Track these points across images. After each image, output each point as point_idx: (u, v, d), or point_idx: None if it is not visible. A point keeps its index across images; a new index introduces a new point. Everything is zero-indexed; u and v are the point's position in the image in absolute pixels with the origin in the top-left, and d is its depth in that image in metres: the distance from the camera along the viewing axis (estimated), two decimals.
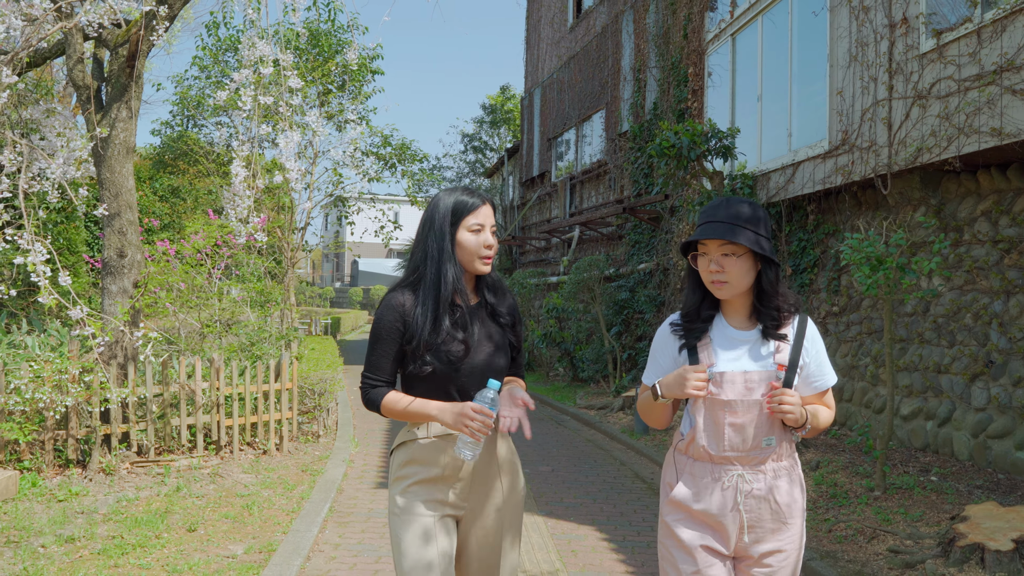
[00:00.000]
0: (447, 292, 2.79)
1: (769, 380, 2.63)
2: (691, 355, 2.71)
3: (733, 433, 2.65)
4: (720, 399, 2.64)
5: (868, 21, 8.76)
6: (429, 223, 2.87)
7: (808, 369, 2.73)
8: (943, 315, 8.10)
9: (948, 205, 8.24)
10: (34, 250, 5.05)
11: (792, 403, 2.55)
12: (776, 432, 2.68)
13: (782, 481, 2.70)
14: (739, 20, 11.85)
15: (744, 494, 2.66)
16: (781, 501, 2.68)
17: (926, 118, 7.79)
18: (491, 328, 2.90)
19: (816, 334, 2.76)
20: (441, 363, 2.77)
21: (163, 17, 6.96)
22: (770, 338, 2.68)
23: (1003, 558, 4.90)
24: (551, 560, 5.54)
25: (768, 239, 2.65)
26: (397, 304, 2.83)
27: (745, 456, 2.67)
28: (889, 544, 5.64)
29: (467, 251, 2.85)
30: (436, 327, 2.77)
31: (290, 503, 6.59)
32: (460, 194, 2.90)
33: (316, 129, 8.85)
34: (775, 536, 2.68)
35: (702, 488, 2.69)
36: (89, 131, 7.00)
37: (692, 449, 2.73)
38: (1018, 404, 7.08)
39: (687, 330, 2.73)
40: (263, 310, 11.02)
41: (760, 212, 2.67)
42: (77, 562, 5.01)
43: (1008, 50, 6.79)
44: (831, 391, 2.81)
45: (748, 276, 2.65)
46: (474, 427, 2.64)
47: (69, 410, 6.81)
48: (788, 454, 2.73)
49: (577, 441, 10.27)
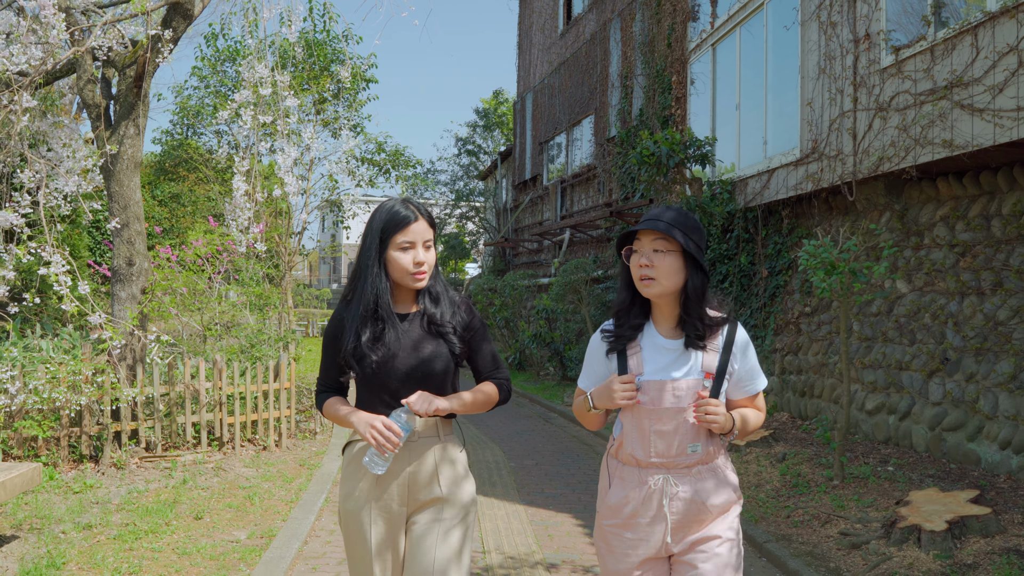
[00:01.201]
0: (367, 308, 2.88)
1: (696, 389, 2.70)
2: (620, 360, 2.80)
3: (658, 440, 2.72)
4: (646, 408, 2.71)
5: (835, 36, 9.25)
6: (364, 238, 2.95)
7: (738, 375, 2.81)
8: (905, 315, 8.59)
9: (910, 211, 8.72)
10: (54, 261, 5.55)
11: (717, 413, 2.63)
12: (702, 439, 2.73)
13: (709, 482, 2.75)
14: (719, 31, 12.32)
15: (669, 497, 2.72)
16: (708, 502, 2.74)
17: (886, 129, 8.27)
18: (424, 337, 2.95)
19: (746, 339, 2.83)
20: (364, 371, 2.88)
21: (168, 40, 7.45)
22: (695, 347, 2.74)
23: (937, 537, 5.39)
24: (528, 543, 6.03)
25: (700, 248, 2.71)
26: (338, 316, 2.99)
27: (671, 462, 2.73)
28: (840, 527, 6.13)
29: (398, 268, 2.90)
30: (356, 339, 2.87)
31: (289, 494, 7.08)
32: (393, 209, 2.92)
33: (310, 144, 9.28)
34: (703, 527, 2.75)
35: (630, 492, 2.76)
36: (99, 148, 7.47)
37: (621, 454, 2.82)
38: (970, 399, 7.57)
39: (616, 336, 2.81)
40: (262, 313, 11.50)
41: (696, 223, 2.75)
42: (95, 546, 5.50)
43: (957, 67, 7.28)
44: (762, 394, 2.91)
45: (676, 276, 2.70)
46: (378, 440, 2.74)
47: (83, 409, 7.30)
48: (715, 455, 2.79)
49: (562, 437, 10.76)
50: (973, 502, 5.82)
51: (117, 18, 7.33)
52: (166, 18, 7.71)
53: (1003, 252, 7.47)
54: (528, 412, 13.10)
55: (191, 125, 18.02)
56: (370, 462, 2.78)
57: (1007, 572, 4.93)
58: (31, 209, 5.93)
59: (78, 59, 7.54)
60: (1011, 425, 7.07)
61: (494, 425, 11.56)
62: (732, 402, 2.86)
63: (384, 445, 2.74)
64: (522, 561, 5.64)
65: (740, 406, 2.87)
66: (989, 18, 6.86)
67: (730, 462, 2.86)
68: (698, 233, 2.73)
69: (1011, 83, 6.65)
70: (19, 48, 5.72)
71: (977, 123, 7.00)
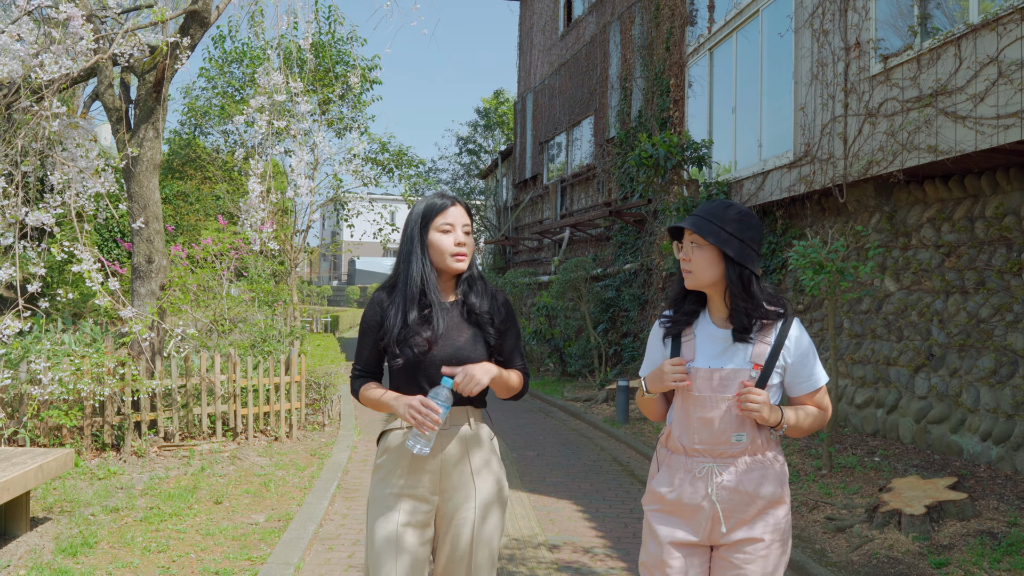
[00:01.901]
0: (413, 290, 2.95)
1: (742, 379, 2.72)
2: (674, 345, 2.86)
3: (702, 427, 2.75)
4: (692, 394, 2.76)
5: (827, 43, 9.58)
6: (405, 228, 3.05)
7: (793, 369, 2.81)
8: (893, 313, 8.92)
9: (899, 212, 9.06)
10: (86, 259, 5.88)
11: (758, 402, 2.64)
12: (747, 429, 2.74)
13: (756, 474, 2.74)
14: (716, 35, 12.64)
15: (716, 485, 2.73)
16: (754, 493, 2.74)
17: (875, 134, 8.60)
18: (462, 325, 3.02)
19: (801, 335, 2.82)
20: (407, 356, 2.92)
21: (185, 47, 7.77)
22: (742, 340, 2.76)
23: (916, 521, 5.74)
24: (531, 527, 6.37)
25: (740, 240, 2.73)
26: (377, 301, 3.04)
27: (715, 450, 2.75)
28: (827, 513, 6.47)
29: (438, 250, 2.98)
30: (404, 323, 2.93)
31: (302, 481, 7.41)
32: (432, 197, 3.06)
33: (317, 142, 9.62)
34: (749, 525, 2.75)
35: (676, 479, 2.79)
36: (120, 151, 7.80)
37: (670, 442, 2.85)
38: (953, 392, 7.90)
39: (672, 321, 2.88)
40: (271, 309, 11.83)
41: (737, 214, 2.77)
42: (124, 527, 5.83)
43: (941, 76, 7.61)
44: (826, 390, 2.88)
45: (711, 269, 2.75)
46: (418, 418, 2.77)
47: (106, 399, 7.64)
48: (765, 449, 2.78)
49: (563, 430, 11.10)
50: (951, 488, 6.17)
51: (138, 26, 7.65)
52: (183, 25, 8.04)
53: (985, 253, 7.80)
54: (529, 407, 13.44)
55: (198, 125, 18.38)
56: (413, 443, 2.81)
57: (980, 552, 5.27)
58: (60, 209, 6.26)
59: (100, 65, 7.85)
60: (991, 417, 7.40)
61: (496, 419, 11.91)
62: (792, 399, 2.88)
63: (424, 423, 2.77)
64: (526, 543, 5.98)
65: (800, 403, 2.86)
66: (971, 30, 7.19)
67: (782, 457, 2.84)
68: (739, 225, 2.74)
69: (991, 92, 6.98)
70: (51, 57, 6.04)
71: (960, 130, 7.33)
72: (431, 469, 2.94)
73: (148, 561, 5.21)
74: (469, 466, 2.98)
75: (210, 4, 7.99)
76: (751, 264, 2.73)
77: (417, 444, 2.80)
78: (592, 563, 5.56)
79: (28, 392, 7.10)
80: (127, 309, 6.24)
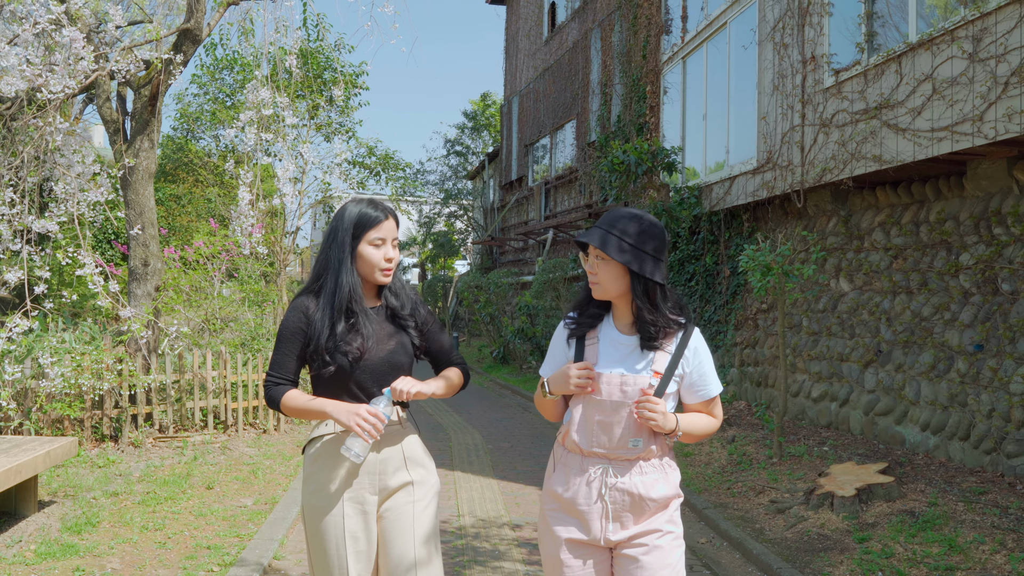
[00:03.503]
0: (342, 301, 2.96)
1: (642, 386, 2.76)
2: (578, 347, 2.89)
3: (600, 431, 2.79)
4: (593, 398, 2.79)
5: (787, 56, 10.14)
6: (333, 234, 3.01)
7: (690, 379, 2.87)
8: (846, 311, 9.49)
9: (853, 216, 9.62)
10: (88, 264, 6.41)
11: (655, 411, 2.69)
12: (644, 435, 2.79)
13: (649, 477, 2.82)
14: (689, 45, 13.19)
15: (609, 486, 2.80)
16: (646, 495, 2.80)
17: (828, 144, 9.16)
18: (388, 329, 3.08)
19: (701, 345, 2.89)
20: (338, 364, 2.95)
21: (179, 63, 8.30)
22: (647, 348, 2.81)
23: (846, 502, 6.30)
24: (498, 509, 6.93)
25: (644, 253, 2.75)
26: (302, 308, 3.02)
27: (612, 453, 2.81)
28: (771, 497, 7.03)
29: (367, 264, 3.00)
30: (332, 332, 2.95)
31: (288, 469, 7.95)
32: (365, 206, 3.02)
33: (303, 152, 10.15)
34: (641, 521, 2.83)
35: (571, 479, 2.85)
36: (117, 161, 8.33)
37: (567, 441, 2.90)
38: (897, 386, 8.46)
39: (576, 323, 2.91)
40: (260, 309, 12.36)
41: (644, 226, 2.79)
42: (123, 509, 6.37)
43: (885, 91, 8.17)
44: (719, 400, 2.97)
45: (617, 283, 2.78)
46: (366, 427, 2.82)
47: (105, 393, 8.17)
48: (660, 455, 2.86)
49: (538, 424, 11.65)
50: (881, 473, 6.73)
51: (134, 43, 8.17)
52: (176, 42, 8.55)
53: (928, 255, 8.36)
54: (509, 402, 14.00)
55: (190, 129, 18.90)
56: (349, 450, 2.85)
57: (899, 528, 5.83)
58: (63, 217, 6.80)
59: (98, 80, 8.37)
60: (930, 409, 7.97)
61: (476, 413, 12.45)
62: (687, 406, 2.94)
63: (371, 432, 2.81)
64: (491, 523, 6.53)
65: (695, 411, 2.93)
66: (910, 48, 7.75)
67: (674, 463, 2.92)
68: (643, 237, 2.76)
69: (927, 107, 7.54)
70: (56, 79, 6.57)
71: (900, 141, 7.90)
72: (370, 469, 2.99)
73: (146, 538, 5.75)
74: (406, 464, 3.05)
75: (202, 22, 8.51)
76: (656, 275, 2.77)
77: (355, 450, 2.84)
78: None
79: (32, 386, 7.64)
80: (127, 309, 6.78)
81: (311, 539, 2.99)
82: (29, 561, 5.21)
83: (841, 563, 5.42)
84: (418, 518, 3.01)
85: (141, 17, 9.07)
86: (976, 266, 7.60)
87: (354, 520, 2.95)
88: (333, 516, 2.94)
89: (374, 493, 3.00)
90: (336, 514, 2.94)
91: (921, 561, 5.28)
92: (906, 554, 5.41)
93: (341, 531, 2.93)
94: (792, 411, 10.08)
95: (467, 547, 5.91)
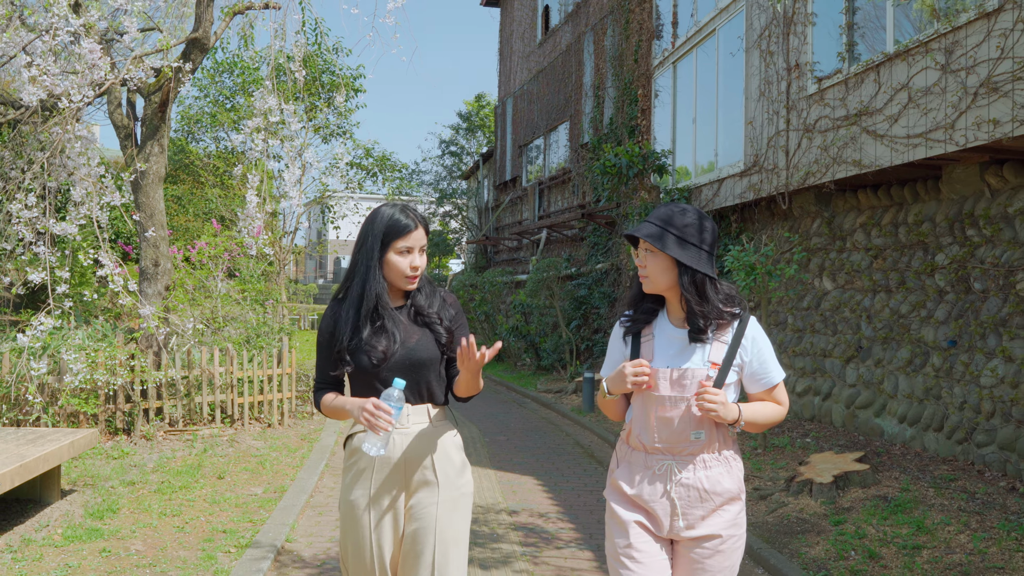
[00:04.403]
0: (368, 307, 3.01)
1: (700, 378, 2.77)
2: (634, 344, 2.92)
3: (662, 426, 2.80)
4: (652, 394, 2.80)
5: (772, 64, 10.51)
6: (363, 239, 3.06)
7: (751, 368, 2.87)
8: (829, 309, 9.87)
9: (836, 218, 10.00)
10: (108, 265, 6.77)
11: (715, 401, 2.68)
12: (706, 427, 2.79)
13: (714, 471, 2.81)
14: (679, 50, 13.56)
15: (675, 482, 2.80)
16: (711, 489, 2.80)
17: (811, 148, 9.54)
18: (412, 327, 3.10)
19: (758, 334, 2.89)
20: (361, 364, 2.99)
21: (187, 71, 8.65)
22: (698, 339, 2.81)
23: (824, 488, 6.68)
24: (495, 496, 7.31)
25: (693, 245, 2.79)
26: (331, 314, 3.11)
27: (674, 448, 2.81)
28: (755, 484, 7.41)
29: (394, 271, 3.04)
30: (355, 335, 3.00)
31: (294, 461, 8.32)
32: (397, 213, 3.05)
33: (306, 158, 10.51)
34: (707, 522, 2.82)
35: (636, 476, 2.87)
36: (128, 166, 8.68)
37: (631, 439, 2.91)
38: (877, 381, 8.85)
39: (631, 320, 2.94)
40: (262, 307, 12.71)
41: (689, 219, 2.82)
42: (140, 497, 6.73)
43: (864, 98, 8.55)
44: (783, 386, 2.95)
45: (666, 275, 2.81)
46: (371, 420, 2.82)
47: (118, 389, 8.52)
48: (723, 447, 2.85)
49: (534, 419, 12.03)
50: (857, 461, 7.12)
51: (145, 53, 8.52)
52: (185, 51, 8.91)
53: (906, 255, 8.75)
54: (504, 398, 14.38)
55: (191, 131, 19.26)
56: (368, 446, 2.87)
57: (872, 512, 6.21)
58: (83, 221, 7.16)
59: (110, 88, 8.71)
60: (907, 402, 8.35)
61: (473, 408, 12.82)
62: (751, 395, 2.94)
63: (377, 424, 2.82)
64: (489, 509, 6.91)
65: (758, 399, 2.92)
66: (887, 59, 8.13)
67: (738, 455, 2.93)
68: (692, 230, 2.80)
69: (903, 115, 7.92)
70: (75, 88, 6.91)
71: (879, 147, 8.28)
72: (397, 468, 3.01)
73: (165, 523, 6.11)
74: (432, 463, 3.04)
75: (209, 31, 8.86)
76: (705, 268, 2.79)
77: (372, 446, 2.87)
78: (545, 524, 6.50)
79: (48, 382, 8.00)
80: (145, 308, 7.15)
81: (344, 530, 3.07)
82: (57, 543, 5.57)
83: (817, 544, 5.80)
84: (441, 520, 3.00)
85: (151, 25, 9.41)
86: (950, 266, 7.98)
87: (380, 515, 3.00)
88: (363, 510, 3.01)
89: (400, 491, 3.03)
90: (366, 509, 3.00)
91: (891, 541, 5.66)
92: (877, 535, 5.80)
93: (368, 526, 2.99)
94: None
95: None
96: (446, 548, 2.99)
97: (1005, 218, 7.47)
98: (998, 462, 6.99)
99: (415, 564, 2.98)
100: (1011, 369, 7.07)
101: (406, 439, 3.02)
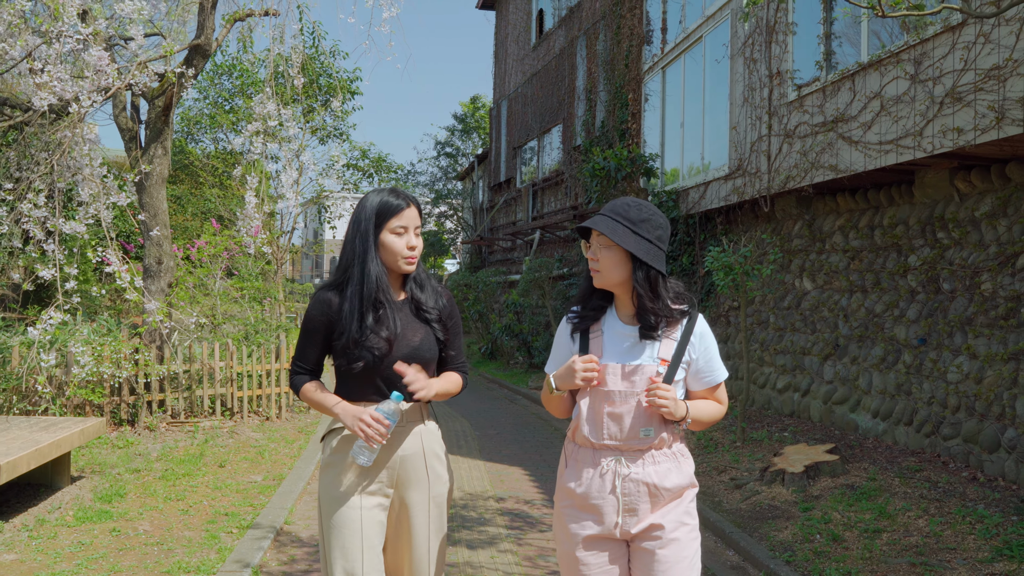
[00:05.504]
0: (370, 291, 2.92)
1: (649, 374, 2.74)
2: (582, 341, 2.87)
3: (611, 423, 2.76)
4: (601, 390, 2.76)
5: (756, 71, 10.87)
6: (356, 224, 2.98)
7: (696, 365, 2.85)
8: (808, 309, 10.24)
9: (817, 220, 10.37)
10: (116, 262, 7.13)
11: (666, 397, 2.66)
12: (655, 423, 2.76)
13: (662, 467, 2.79)
14: (668, 56, 13.92)
15: (621, 477, 2.76)
16: (660, 485, 2.77)
17: (791, 153, 9.90)
18: (415, 323, 3.04)
19: (705, 331, 2.87)
20: (366, 359, 2.91)
21: (190, 76, 8.98)
22: (648, 337, 2.78)
23: (796, 478, 7.04)
24: (484, 485, 7.66)
25: (647, 241, 2.75)
26: (325, 300, 3.00)
27: (623, 444, 2.77)
28: (732, 475, 7.76)
29: (390, 252, 2.96)
30: (361, 324, 2.91)
31: (292, 451, 8.67)
32: (386, 195, 2.98)
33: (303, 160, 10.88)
34: (655, 514, 2.79)
35: (583, 473, 2.82)
36: (133, 168, 9.02)
37: (577, 436, 2.85)
38: (852, 377, 9.21)
39: (579, 317, 2.90)
40: (260, 305, 13.05)
41: (646, 214, 2.78)
42: (146, 483, 7.08)
43: (840, 106, 8.91)
44: (723, 386, 2.95)
45: (619, 269, 2.76)
46: (368, 433, 2.80)
47: (123, 381, 8.87)
48: (671, 443, 2.83)
49: (524, 414, 12.38)
50: (828, 452, 7.48)
51: (150, 58, 8.86)
52: (188, 57, 9.25)
53: (881, 257, 9.11)
54: (496, 395, 14.73)
55: (190, 132, 19.61)
56: (358, 454, 2.84)
57: (839, 499, 6.57)
58: (91, 220, 7.51)
59: (116, 92, 9.05)
60: (880, 398, 8.72)
61: (464, 404, 13.17)
62: (692, 393, 2.92)
63: (373, 438, 2.80)
64: (478, 496, 7.26)
65: (700, 397, 2.91)
66: (861, 68, 8.50)
67: (687, 450, 2.91)
68: (646, 225, 2.77)
69: (876, 122, 8.29)
70: (84, 94, 7.26)
71: (853, 152, 8.64)
72: (390, 464, 2.98)
73: (170, 507, 6.46)
74: (424, 460, 3.04)
75: (211, 38, 9.21)
76: (658, 264, 2.76)
77: (363, 456, 2.85)
78: (530, 510, 6.85)
79: (56, 374, 8.34)
80: (151, 304, 7.51)
81: (325, 527, 2.98)
82: (70, 524, 5.92)
83: (786, 528, 6.16)
84: (433, 515, 3.04)
85: (155, 30, 9.75)
86: (922, 267, 8.35)
87: (368, 513, 2.95)
88: (349, 508, 2.94)
89: (391, 486, 3.01)
90: (352, 506, 2.94)
91: (854, 525, 6.02)
92: (842, 520, 6.16)
93: (356, 523, 2.93)
94: (760, 401, 10.83)
95: (456, 515, 6.63)
96: (438, 539, 3.07)
97: (972, 221, 7.84)
98: (962, 454, 7.35)
99: (409, 557, 3.02)
100: (975, 366, 7.43)
101: (403, 436, 3.01)
